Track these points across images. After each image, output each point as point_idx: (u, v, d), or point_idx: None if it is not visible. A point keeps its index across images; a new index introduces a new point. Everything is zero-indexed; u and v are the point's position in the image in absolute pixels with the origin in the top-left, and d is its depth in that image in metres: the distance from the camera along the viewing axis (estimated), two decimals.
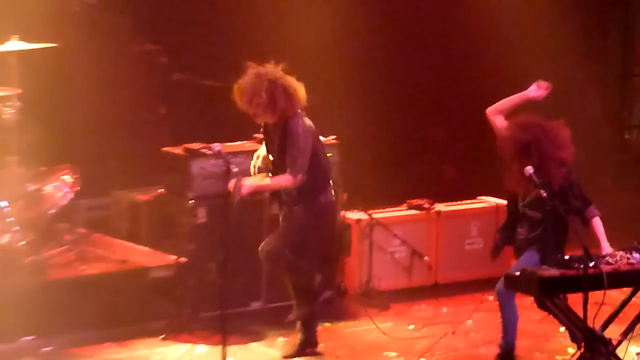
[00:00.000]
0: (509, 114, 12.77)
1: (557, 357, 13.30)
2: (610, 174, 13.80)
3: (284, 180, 12.74)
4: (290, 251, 13.26)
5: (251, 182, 12.89)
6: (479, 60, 16.96)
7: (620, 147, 17.95)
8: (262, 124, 13.23)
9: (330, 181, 13.32)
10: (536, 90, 12.80)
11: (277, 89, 12.68)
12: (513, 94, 12.97)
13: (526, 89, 12.93)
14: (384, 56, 17.28)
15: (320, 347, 13.84)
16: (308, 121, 12.84)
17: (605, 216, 12.91)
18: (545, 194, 12.24)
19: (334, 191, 13.72)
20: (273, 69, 13.01)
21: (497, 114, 12.78)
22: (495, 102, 12.94)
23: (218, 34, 16.67)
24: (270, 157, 13.27)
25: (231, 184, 12.77)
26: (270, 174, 13.23)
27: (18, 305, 13.53)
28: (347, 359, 13.69)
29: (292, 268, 13.38)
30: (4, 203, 13.82)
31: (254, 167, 13.36)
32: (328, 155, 14.71)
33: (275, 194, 13.30)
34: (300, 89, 12.80)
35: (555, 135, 12.53)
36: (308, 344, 13.42)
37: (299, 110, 12.92)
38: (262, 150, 13.48)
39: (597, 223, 12.64)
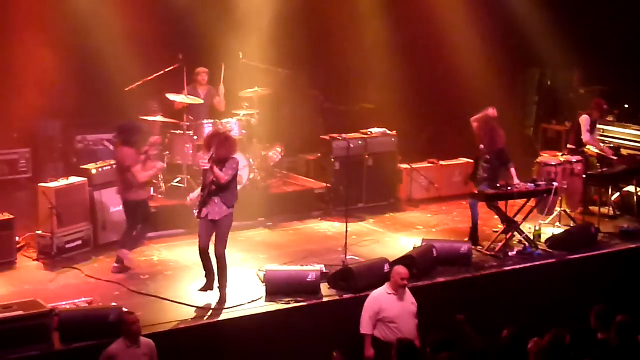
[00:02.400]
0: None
1: (493, 229, 13.05)
2: (518, 149, 13.78)
3: (222, 175, 10.26)
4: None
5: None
6: (457, 85, 16.60)
7: (523, 137, 17.75)
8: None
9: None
10: None
11: (224, 141, 10.45)
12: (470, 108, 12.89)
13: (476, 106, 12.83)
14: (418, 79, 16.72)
15: (387, 224, 13.79)
16: (238, 159, 10.65)
17: (518, 166, 12.87)
18: (487, 154, 12.38)
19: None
20: (225, 128, 11.99)
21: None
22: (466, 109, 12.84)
23: (345, 79, 16.55)
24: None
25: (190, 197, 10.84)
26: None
27: (257, 203, 13.56)
28: (400, 229, 13.49)
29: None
30: (251, 160, 13.79)
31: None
32: (392, 140, 14.76)
33: (205, 203, 10.41)
34: (237, 140, 11.04)
35: (497, 131, 12.55)
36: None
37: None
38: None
39: (513, 171, 12.51)
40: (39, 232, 11.74)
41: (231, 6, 15.16)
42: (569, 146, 14.45)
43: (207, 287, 10.60)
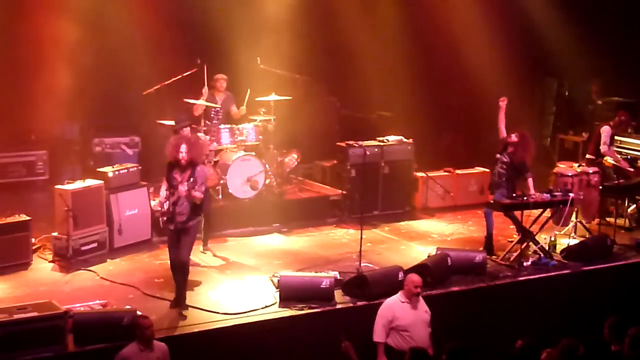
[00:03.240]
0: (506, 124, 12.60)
1: (508, 239, 12.96)
2: (535, 159, 13.67)
3: (199, 195, 10.04)
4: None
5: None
6: (475, 94, 16.50)
7: (540, 147, 17.62)
8: (168, 166, 10.23)
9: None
10: (501, 101, 12.56)
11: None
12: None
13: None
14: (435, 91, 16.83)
15: (402, 232, 13.75)
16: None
17: (535, 176, 12.82)
18: (505, 160, 12.36)
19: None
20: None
21: (501, 126, 12.58)
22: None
23: (362, 86, 16.46)
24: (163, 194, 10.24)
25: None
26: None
27: (272, 209, 13.63)
28: (415, 237, 13.46)
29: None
30: (267, 166, 13.76)
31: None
32: (409, 148, 14.76)
33: (173, 216, 10.09)
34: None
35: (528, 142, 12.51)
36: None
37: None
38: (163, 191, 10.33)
39: (530, 181, 12.47)
40: (55, 233, 11.79)
41: (250, 12, 15.20)
42: (587, 156, 14.45)
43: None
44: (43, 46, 13.78)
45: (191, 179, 10.11)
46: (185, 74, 13.69)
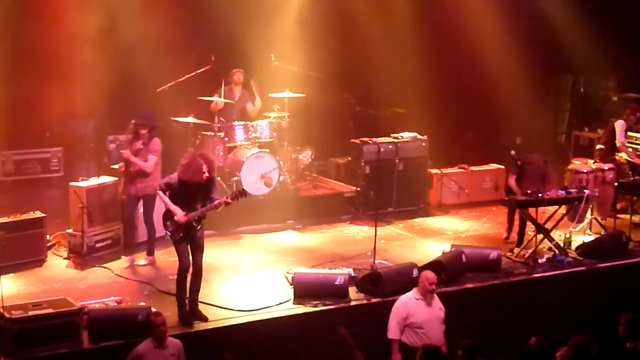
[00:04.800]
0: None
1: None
2: (550, 156, 13.63)
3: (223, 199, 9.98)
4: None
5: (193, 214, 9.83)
6: (489, 91, 16.46)
7: (555, 144, 17.62)
8: (180, 183, 9.84)
9: None
10: None
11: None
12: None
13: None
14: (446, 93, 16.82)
15: (416, 229, 13.72)
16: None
17: None
18: (519, 162, 12.32)
19: None
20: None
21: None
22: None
23: (377, 83, 16.43)
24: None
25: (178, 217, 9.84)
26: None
27: (286, 206, 13.61)
28: (429, 234, 13.43)
29: None
30: (281, 163, 13.72)
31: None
32: (423, 145, 14.74)
33: (192, 231, 9.88)
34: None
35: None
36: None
37: None
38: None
39: None
40: (70, 230, 11.85)
41: (264, 9, 15.20)
42: (598, 146, 14.37)
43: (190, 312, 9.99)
44: (57, 44, 13.83)
45: (213, 193, 10.00)
46: (198, 71, 13.70)
